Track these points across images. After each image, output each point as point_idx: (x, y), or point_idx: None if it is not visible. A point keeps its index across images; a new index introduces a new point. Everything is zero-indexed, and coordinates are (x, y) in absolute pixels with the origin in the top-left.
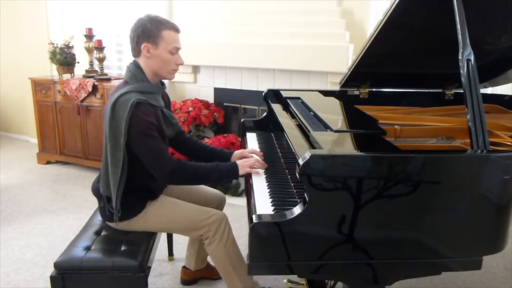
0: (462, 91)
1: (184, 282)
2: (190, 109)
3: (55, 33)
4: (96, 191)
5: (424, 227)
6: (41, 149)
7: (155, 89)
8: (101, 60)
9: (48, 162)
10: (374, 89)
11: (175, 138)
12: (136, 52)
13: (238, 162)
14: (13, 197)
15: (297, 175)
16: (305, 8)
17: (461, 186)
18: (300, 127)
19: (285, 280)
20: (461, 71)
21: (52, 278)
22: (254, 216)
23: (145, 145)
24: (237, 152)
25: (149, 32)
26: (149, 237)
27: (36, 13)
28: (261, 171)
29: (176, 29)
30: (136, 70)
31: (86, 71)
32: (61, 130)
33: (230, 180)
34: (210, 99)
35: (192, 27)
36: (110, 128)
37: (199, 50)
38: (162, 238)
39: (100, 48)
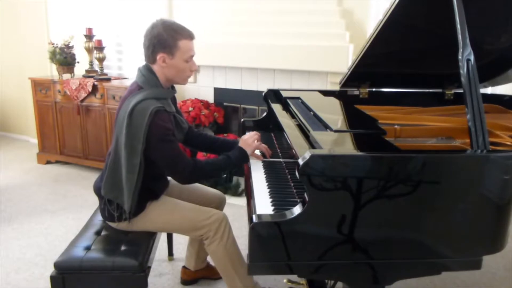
0: (462, 91)
1: (184, 282)
2: (190, 109)
3: (55, 33)
4: (97, 190)
5: (424, 227)
6: (41, 149)
7: (168, 94)
8: (101, 60)
9: (48, 162)
10: (374, 89)
11: (186, 134)
12: (151, 60)
13: (241, 144)
14: (13, 197)
15: (297, 175)
16: (305, 8)
17: (461, 186)
18: (300, 127)
19: (285, 280)
20: (461, 71)
21: (52, 278)
22: (254, 216)
23: (164, 151)
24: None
25: (165, 42)
26: (149, 237)
27: (36, 13)
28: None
29: (191, 37)
30: (149, 75)
31: (86, 71)
32: (61, 130)
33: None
34: (210, 99)
35: (192, 27)
36: (127, 135)
37: (199, 50)
38: (162, 238)
39: (100, 48)
